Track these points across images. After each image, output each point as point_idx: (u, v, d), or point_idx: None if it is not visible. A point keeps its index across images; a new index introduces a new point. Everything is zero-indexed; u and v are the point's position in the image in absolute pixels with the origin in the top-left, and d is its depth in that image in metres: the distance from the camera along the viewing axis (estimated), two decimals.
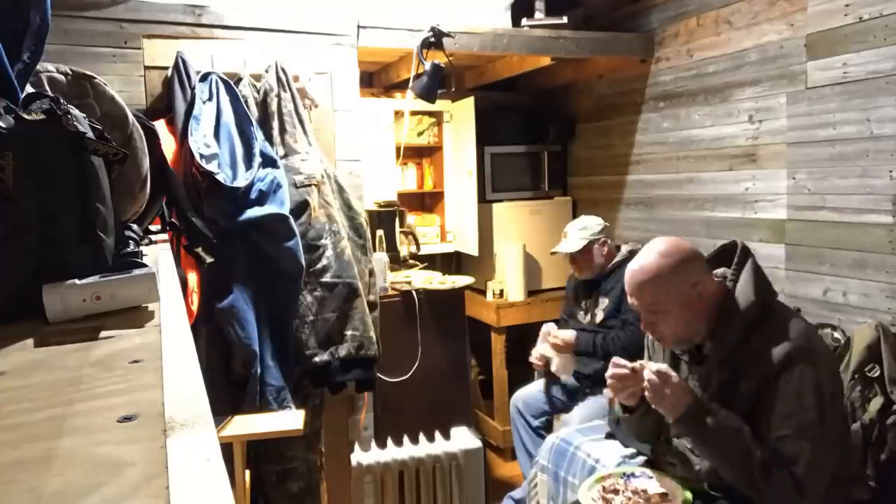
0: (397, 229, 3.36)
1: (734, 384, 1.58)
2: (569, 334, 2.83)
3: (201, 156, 2.12)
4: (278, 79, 2.40)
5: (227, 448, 1.88)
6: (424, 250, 3.62)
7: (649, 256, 1.63)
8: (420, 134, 3.93)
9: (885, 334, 2.11)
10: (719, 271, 1.70)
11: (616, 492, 1.72)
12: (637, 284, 1.62)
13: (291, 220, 2.25)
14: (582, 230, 2.94)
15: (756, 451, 1.48)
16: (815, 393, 1.47)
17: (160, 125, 2.16)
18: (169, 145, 2.16)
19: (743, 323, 1.57)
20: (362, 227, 2.49)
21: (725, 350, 1.59)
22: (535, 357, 2.93)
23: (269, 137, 2.37)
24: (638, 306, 1.65)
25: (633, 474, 1.80)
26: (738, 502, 1.61)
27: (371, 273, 2.52)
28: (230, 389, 2.20)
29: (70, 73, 1.12)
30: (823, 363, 1.54)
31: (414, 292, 2.98)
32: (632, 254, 2.90)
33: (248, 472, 2.13)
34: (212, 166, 2.12)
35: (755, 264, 1.64)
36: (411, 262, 3.46)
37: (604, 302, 2.89)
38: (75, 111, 0.78)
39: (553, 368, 2.85)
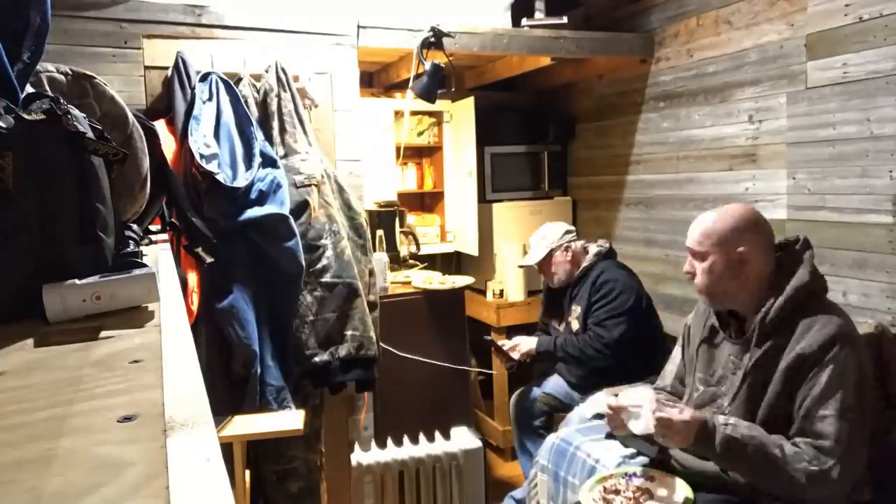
0: (397, 229, 3.36)
1: (774, 362, 1.59)
2: (529, 344, 2.90)
3: (201, 156, 2.12)
4: (278, 79, 2.40)
5: (227, 448, 1.88)
6: (424, 250, 3.62)
7: (720, 210, 1.74)
8: (420, 134, 3.93)
9: (885, 335, 2.11)
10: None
11: (617, 492, 1.72)
12: (696, 228, 1.73)
13: (291, 220, 2.25)
14: (542, 239, 2.96)
15: (778, 449, 1.51)
16: (857, 377, 1.51)
17: (160, 125, 2.16)
18: (169, 145, 2.16)
19: (791, 302, 1.61)
20: (362, 227, 2.49)
21: (769, 325, 1.62)
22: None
23: (269, 137, 2.37)
24: (688, 248, 1.75)
25: (634, 474, 1.80)
26: (743, 501, 1.61)
27: (371, 273, 2.52)
28: (230, 389, 2.20)
29: (70, 73, 1.12)
30: (864, 351, 1.60)
31: (414, 292, 2.98)
32: (598, 256, 2.90)
33: (247, 472, 2.13)
34: (212, 166, 2.12)
35: (813, 255, 1.70)
36: (411, 262, 3.46)
37: (576, 310, 2.89)
38: (75, 111, 0.78)
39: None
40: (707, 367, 1.77)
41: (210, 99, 2.26)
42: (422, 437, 2.76)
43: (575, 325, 2.89)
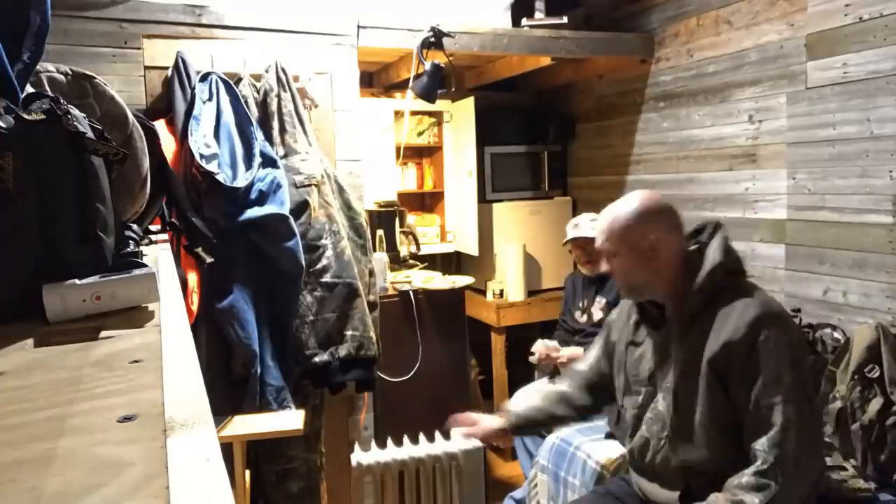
0: (397, 229, 3.36)
1: (698, 352, 1.53)
2: (574, 350, 2.74)
3: (201, 156, 2.12)
4: (278, 79, 2.40)
5: (227, 448, 1.88)
6: (424, 250, 3.62)
7: (620, 201, 1.67)
8: (420, 134, 3.93)
9: (885, 335, 2.11)
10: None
11: None
12: (599, 227, 1.67)
13: (291, 221, 2.25)
14: (593, 220, 2.82)
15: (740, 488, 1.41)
16: (790, 355, 1.45)
17: (160, 125, 2.16)
18: (169, 145, 2.16)
19: (706, 286, 1.54)
20: (362, 228, 2.49)
21: (687, 313, 1.56)
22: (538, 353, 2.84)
23: (269, 137, 2.37)
24: (600, 249, 1.69)
25: None
26: None
27: (371, 273, 2.52)
28: (230, 389, 2.20)
29: (70, 73, 1.12)
30: (792, 327, 1.55)
31: (414, 292, 2.98)
32: None
33: (247, 472, 2.13)
34: (212, 166, 2.12)
35: (725, 236, 1.62)
36: (411, 262, 3.46)
37: (601, 301, 2.88)
38: (75, 111, 0.78)
39: None
40: (637, 367, 1.70)
41: (210, 99, 2.25)
42: (422, 437, 2.76)
43: (598, 316, 2.86)
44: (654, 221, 1.61)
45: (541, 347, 2.82)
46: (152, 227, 1.37)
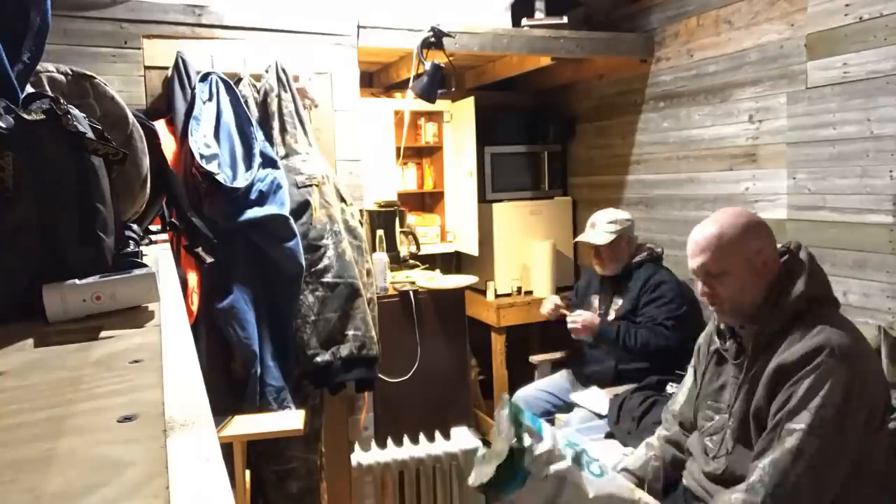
0: (397, 229, 3.36)
1: (763, 371, 1.46)
2: (590, 315, 2.74)
3: (201, 156, 2.12)
4: (278, 79, 2.40)
5: (227, 448, 1.88)
6: (424, 250, 3.62)
7: (715, 221, 1.57)
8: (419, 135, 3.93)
9: (886, 337, 2.11)
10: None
11: None
12: (701, 248, 1.55)
13: (291, 221, 2.25)
14: (611, 223, 2.84)
15: None
16: (841, 394, 1.33)
17: (160, 125, 2.16)
18: (169, 145, 2.16)
19: (786, 315, 1.46)
20: (357, 229, 2.49)
21: (764, 341, 1.49)
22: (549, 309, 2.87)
23: (269, 138, 2.37)
24: (697, 272, 1.58)
25: None
26: None
27: (368, 273, 2.52)
28: (230, 389, 2.20)
29: (70, 73, 1.12)
30: (858, 369, 1.38)
31: (414, 292, 2.98)
32: (651, 255, 2.87)
33: (247, 472, 2.13)
34: (212, 167, 2.12)
35: (814, 263, 1.53)
36: (411, 261, 3.46)
37: (618, 302, 2.85)
38: (75, 111, 0.78)
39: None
40: (717, 390, 1.62)
41: (210, 99, 2.26)
42: (422, 437, 2.76)
43: (612, 316, 2.84)
44: (756, 233, 1.53)
45: (550, 305, 2.86)
46: (152, 227, 1.37)
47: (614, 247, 2.81)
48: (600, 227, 2.84)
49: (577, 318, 2.73)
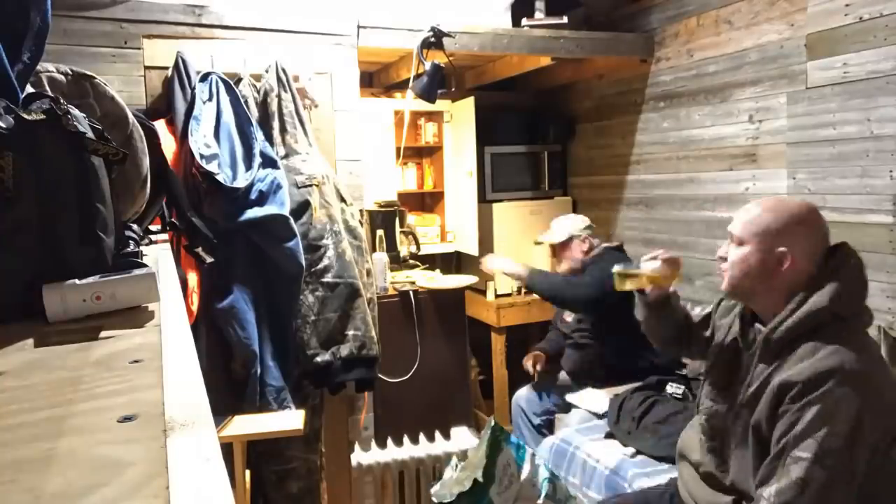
0: (397, 229, 3.36)
1: (769, 380, 1.41)
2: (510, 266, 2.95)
3: (201, 156, 2.12)
4: (278, 79, 2.40)
5: (227, 448, 1.88)
6: (424, 250, 3.62)
7: (775, 200, 1.55)
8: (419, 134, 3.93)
9: (885, 337, 2.10)
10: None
11: None
12: (747, 212, 1.52)
13: (291, 221, 2.25)
14: (566, 225, 3.01)
15: None
16: (852, 422, 1.27)
17: (160, 125, 2.16)
18: (169, 145, 2.16)
19: (802, 325, 1.39)
20: (357, 229, 2.49)
21: (775, 344, 1.43)
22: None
23: (269, 138, 2.37)
24: (730, 230, 1.55)
25: None
26: None
27: (368, 273, 2.52)
28: (230, 389, 2.20)
29: (70, 73, 1.12)
30: (872, 396, 1.31)
31: (414, 292, 2.98)
32: (607, 250, 2.92)
33: (247, 472, 2.13)
34: (212, 167, 2.12)
35: (853, 273, 1.45)
36: (411, 261, 3.46)
37: None
38: (75, 111, 0.78)
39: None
40: (723, 371, 1.58)
41: (210, 99, 2.26)
42: (422, 437, 2.76)
43: (569, 317, 2.99)
44: (797, 236, 1.45)
45: (527, 361, 3.08)
46: (152, 227, 1.37)
47: (565, 246, 2.99)
48: (554, 228, 3.04)
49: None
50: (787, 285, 1.45)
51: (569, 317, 3.01)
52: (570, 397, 2.81)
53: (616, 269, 1.78)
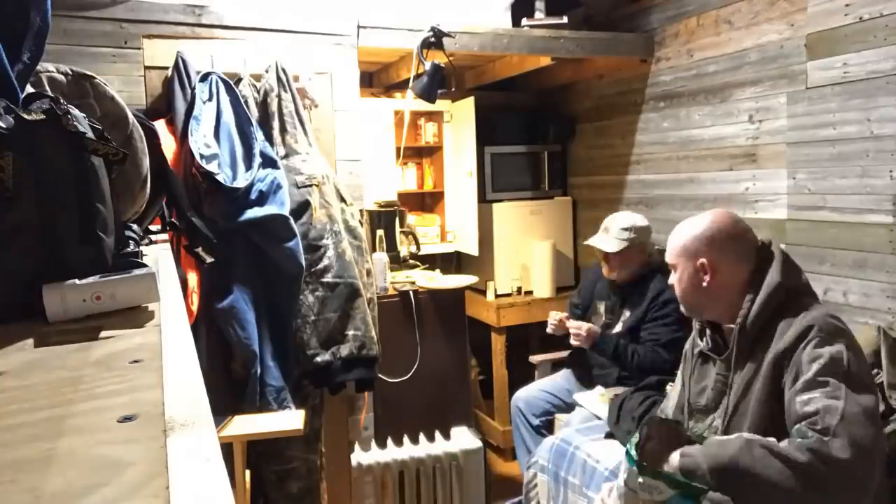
0: (397, 229, 3.36)
1: (756, 371, 1.49)
2: (593, 328, 2.69)
3: (201, 156, 2.12)
4: (278, 79, 2.40)
5: (227, 448, 1.88)
6: (424, 250, 3.62)
7: (692, 219, 1.68)
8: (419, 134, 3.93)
9: (885, 338, 2.10)
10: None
11: None
12: (672, 238, 1.69)
13: (291, 221, 2.25)
14: (625, 230, 2.74)
15: (772, 452, 1.32)
16: (846, 363, 1.36)
17: (160, 125, 2.16)
18: (169, 145, 2.16)
19: (767, 306, 1.51)
20: (357, 229, 2.49)
21: (749, 335, 1.52)
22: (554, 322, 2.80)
23: (269, 138, 2.37)
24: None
25: None
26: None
27: (368, 273, 2.52)
28: (230, 389, 2.20)
29: (70, 73, 1.12)
30: (853, 344, 1.43)
31: (414, 292, 2.98)
32: (662, 266, 2.79)
33: (247, 472, 2.13)
34: (212, 167, 2.12)
35: (785, 257, 1.59)
36: (411, 262, 3.46)
37: (625, 313, 2.78)
38: (75, 111, 0.78)
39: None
40: (700, 391, 1.65)
41: (210, 99, 2.26)
42: (422, 437, 2.76)
43: (617, 328, 2.77)
44: (715, 245, 1.60)
45: (554, 321, 2.78)
46: (152, 227, 1.37)
47: (624, 255, 2.73)
48: (612, 233, 2.76)
49: (581, 331, 2.67)
50: (727, 291, 1.59)
51: (620, 324, 2.80)
52: (577, 397, 2.80)
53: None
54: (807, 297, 1.56)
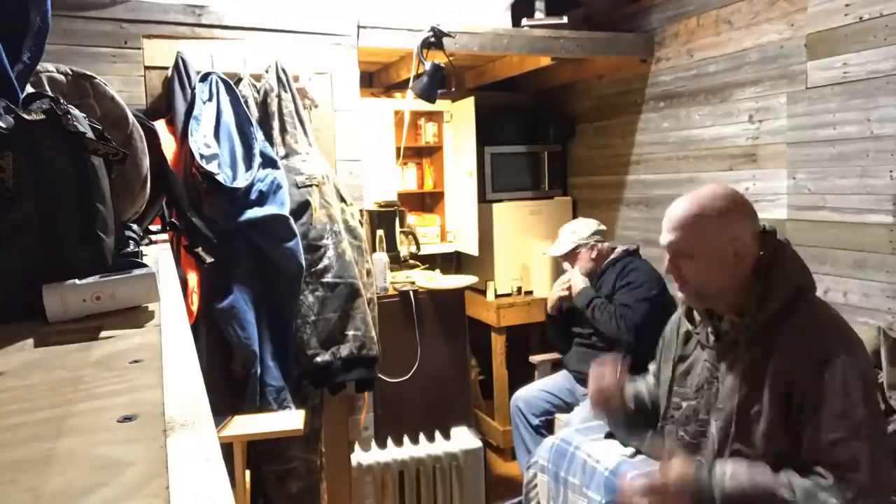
0: (397, 229, 3.36)
1: (763, 369, 1.40)
2: (580, 279, 2.91)
3: (201, 156, 2.12)
4: (278, 79, 2.40)
5: (227, 448, 1.88)
6: (424, 250, 3.62)
7: (695, 197, 1.49)
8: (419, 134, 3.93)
9: (885, 338, 2.10)
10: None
11: None
12: (674, 225, 1.50)
13: (291, 221, 2.25)
14: (571, 233, 2.97)
15: (787, 490, 1.31)
16: (862, 387, 1.31)
17: (160, 125, 2.16)
18: (169, 145, 2.16)
19: (779, 301, 1.40)
20: (357, 229, 2.49)
21: (755, 329, 1.42)
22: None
23: (269, 138, 2.37)
24: (668, 248, 1.53)
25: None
26: None
27: (368, 273, 2.52)
28: (230, 389, 2.20)
29: (70, 73, 1.12)
30: (862, 352, 1.39)
31: (414, 292, 2.98)
32: (626, 253, 2.92)
33: (247, 472, 2.13)
34: (212, 167, 2.12)
35: (790, 248, 1.49)
36: (411, 262, 3.46)
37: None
38: (75, 111, 0.78)
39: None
40: (684, 381, 1.58)
41: (210, 99, 2.26)
42: (422, 437, 2.76)
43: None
44: (736, 221, 1.43)
45: (555, 297, 3.00)
46: (152, 227, 1.37)
47: (572, 256, 2.97)
48: (561, 238, 3.01)
49: (566, 284, 2.93)
50: (747, 270, 1.44)
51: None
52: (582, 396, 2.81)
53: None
54: (811, 292, 1.48)
